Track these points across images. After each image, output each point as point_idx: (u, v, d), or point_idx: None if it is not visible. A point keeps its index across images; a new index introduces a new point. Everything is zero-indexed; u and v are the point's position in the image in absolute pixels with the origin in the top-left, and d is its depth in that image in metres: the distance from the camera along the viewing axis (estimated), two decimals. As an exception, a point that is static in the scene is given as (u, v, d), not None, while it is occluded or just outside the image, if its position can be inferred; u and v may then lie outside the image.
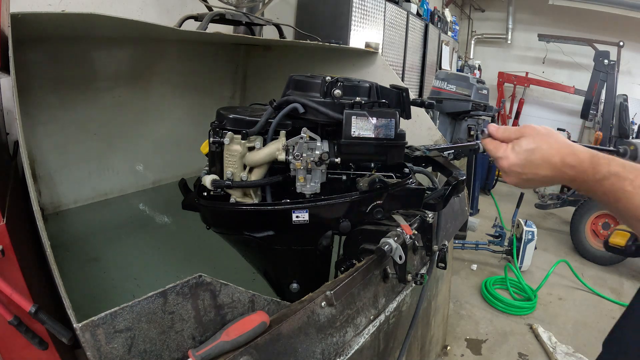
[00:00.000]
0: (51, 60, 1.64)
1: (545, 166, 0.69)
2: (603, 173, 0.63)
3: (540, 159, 0.69)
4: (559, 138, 0.71)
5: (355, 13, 3.37)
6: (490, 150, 0.78)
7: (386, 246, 0.97)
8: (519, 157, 0.72)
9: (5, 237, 0.67)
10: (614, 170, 0.62)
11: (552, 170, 0.69)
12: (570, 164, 0.67)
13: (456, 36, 6.76)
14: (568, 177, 0.68)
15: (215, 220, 1.08)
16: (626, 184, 0.60)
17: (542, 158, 0.69)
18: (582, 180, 0.66)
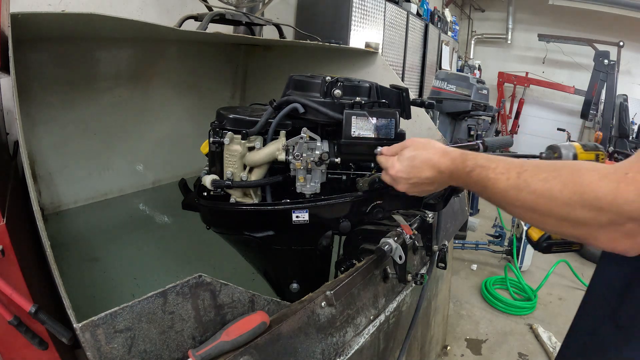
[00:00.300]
0: (51, 60, 1.64)
1: (425, 168, 0.79)
2: (471, 166, 0.72)
3: (421, 163, 0.80)
4: (435, 145, 0.81)
5: (355, 13, 3.37)
6: (381, 163, 0.90)
7: (386, 246, 0.97)
8: (402, 165, 0.83)
9: (5, 237, 0.67)
10: (479, 163, 0.71)
11: (432, 170, 0.79)
12: (445, 163, 0.77)
13: (456, 36, 6.75)
14: (446, 175, 0.78)
15: (215, 220, 1.08)
16: (489, 172, 0.68)
17: (422, 162, 0.80)
18: (457, 176, 0.76)
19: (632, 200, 0.51)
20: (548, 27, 6.81)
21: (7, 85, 1.03)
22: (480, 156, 0.72)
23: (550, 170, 0.60)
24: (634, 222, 0.52)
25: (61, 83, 1.71)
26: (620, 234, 0.54)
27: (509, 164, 0.67)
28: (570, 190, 0.56)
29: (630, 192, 0.51)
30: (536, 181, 0.61)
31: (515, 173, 0.64)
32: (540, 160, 0.64)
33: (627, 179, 0.52)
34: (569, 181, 0.57)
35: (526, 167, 0.64)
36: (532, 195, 0.61)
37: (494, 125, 4.00)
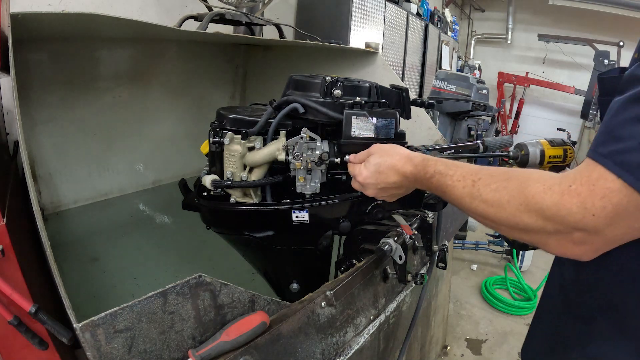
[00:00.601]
0: (51, 60, 1.64)
1: (391, 174, 0.82)
2: (431, 172, 0.75)
3: (386, 169, 0.82)
4: (399, 150, 0.84)
5: (355, 13, 3.37)
6: (351, 172, 0.92)
7: (386, 246, 0.97)
8: (369, 171, 0.85)
9: (5, 237, 0.67)
10: (438, 169, 0.74)
11: (397, 175, 0.81)
12: (408, 168, 0.80)
13: (456, 36, 6.76)
14: (411, 180, 0.80)
15: (215, 220, 1.08)
16: (447, 179, 0.71)
17: (387, 168, 0.82)
18: (420, 181, 0.79)
19: (575, 212, 0.53)
20: (548, 27, 6.81)
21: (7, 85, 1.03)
22: (440, 162, 0.75)
23: (502, 180, 0.63)
24: (580, 232, 0.54)
25: (61, 83, 1.71)
26: (569, 242, 0.56)
27: (466, 171, 0.69)
28: (517, 202, 0.59)
29: (573, 205, 0.53)
30: (487, 191, 0.64)
31: (470, 181, 0.67)
32: (496, 168, 0.66)
33: (571, 191, 0.54)
34: (516, 192, 0.59)
35: (481, 175, 0.66)
36: (483, 204, 0.64)
37: (494, 125, 4.00)
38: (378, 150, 0.86)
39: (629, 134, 0.51)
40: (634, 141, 0.50)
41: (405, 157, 0.81)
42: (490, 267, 3.43)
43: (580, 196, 0.53)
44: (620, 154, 0.51)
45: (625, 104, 0.53)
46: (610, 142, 0.53)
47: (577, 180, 0.54)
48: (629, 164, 0.50)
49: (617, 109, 0.54)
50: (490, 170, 0.66)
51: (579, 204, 0.53)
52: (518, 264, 3.26)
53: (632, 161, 0.50)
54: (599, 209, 0.52)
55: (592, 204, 0.52)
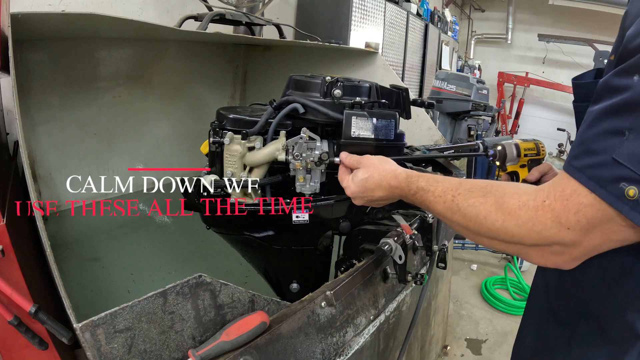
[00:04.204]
0: (51, 60, 1.64)
1: (378, 189, 0.84)
2: (414, 189, 0.77)
3: (373, 185, 0.84)
4: (387, 166, 0.85)
5: (355, 13, 3.37)
6: (340, 179, 0.93)
7: (386, 246, 0.97)
8: (357, 186, 0.86)
9: (5, 237, 0.67)
10: (420, 185, 0.75)
11: (383, 191, 0.83)
12: (394, 185, 0.81)
13: (456, 36, 6.75)
14: (397, 195, 0.82)
15: (215, 220, 1.08)
16: (429, 195, 0.73)
17: (374, 184, 0.84)
18: (405, 196, 0.81)
19: (550, 227, 0.54)
20: (548, 27, 6.81)
21: (7, 85, 1.03)
22: (423, 178, 0.76)
23: (480, 195, 0.64)
24: (557, 244, 0.55)
25: (61, 83, 1.71)
26: (549, 253, 0.57)
27: (447, 186, 0.71)
28: (494, 217, 0.60)
29: (547, 220, 0.54)
30: (466, 206, 0.65)
31: (450, 196, 0.68)
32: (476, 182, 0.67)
33: (545, 207, 0.55)
34: (492, 208, 0.61)
35: (460, 190, 0.68)
36: (463, 218, 0.66)
37: (494, 125, 4.00)
38: (367, 164, 0.88)
39: (602, 148, 0.51)
40: (606, 155, 0.50)
41: (391, 173, 0.83)
42: (490, 267, 3.43)
43: (554, 211, 0.54)
44: (593, 168, 0.51)
45: (599, 115, 0.52)
46: (584, 155, 0.53)
47: (551, 195, 0.55)
48: (601, 178, 0.50)
49: (592, 120, 0.53)
50: (469, 184, 0.68)
51: (553, 218, 0.53)
52: (518, 264, 3.26)
53: (605, 176, 0.50)
54: (574, 223, 0.52)
55: (567, 219, 0.53)
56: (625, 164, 0.48)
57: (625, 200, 0.49)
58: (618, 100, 0.50)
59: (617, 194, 0.49)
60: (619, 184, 0.49)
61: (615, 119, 0.50)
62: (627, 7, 0.59)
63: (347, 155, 0.93)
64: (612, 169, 0.50)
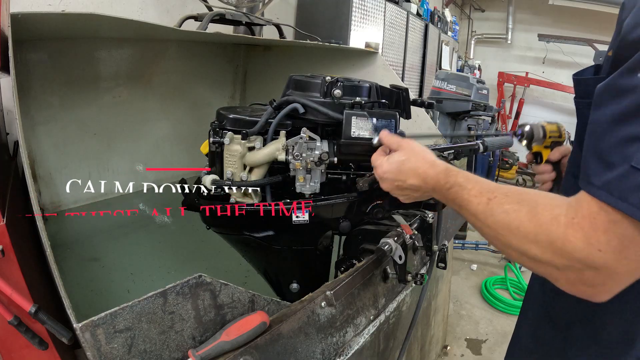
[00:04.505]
0: (51, 60, 1.64)
1: (412, 175, 0.80)
2: (451, 183, 0.73)
3: (408, 169, 0.80)
4: (427, 155, 0.81)
5: (355, 13, 3.37)
6: (373, 161, 0.89)
7: (386, 246, 0.97)
8: (391, 167, 0.83)
9: (5, 237, 0.67)
10: (458, 181, 0.71)
11: (418, 179, 0.79)
12: (430, 174, 0.77)
13: (456, 36, 6.75)
14: (430, 186, 0.78)
15: (215, 220, 1.08)
16: (464, 193, 0.69)
17: (409, 168, 0.80)
18: (438, 189, 0.76)
19: (581, 249, 0.50)
20: (548, 27, 6.81)
21: (7, 85, 1.03)
22: (462, 174, 0.73)
23: (515, 201, 0.60)
24: (590, 270, 0.50)
25: (61, 83, 1.71)
26: (580, 282, 0.52)
27: (484, 187, 0.67)
28: (526, 229, 0.56)
29: (577, 240, 0.50)
30: (499, 212, 0.61)
31: (485, 199, 0.64)
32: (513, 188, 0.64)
33: (574, 225, 0.51)
34: (526, 218, 0.56)
35: (497, 193, 0.64)
36: (495, 224, 0.61)
37: (494, 125, 4.00)
38: (407, 147, 0.83)
39: (620, 159, 0.48)
40: (626, 165, 0.47)
41: (430, 161, 0.79)
42: (490, 267, 3.43)
43: (583, 230, 0.50)
44: (614, 182, 0.48)
45: (611, 125, 0.49)
46: (603, 170, 0.49)
47: (579, 213, 0.51)
48: (623, 190, 0.47)
49: (604, 130, 0.50)
50: (506, 189, 0.64)
51: (583, 239, 0.49)
52: (518, 264, 3.26)
53: (626, 187, 0.47)
54: (604, 243, 0.48)
55: (597, 239, 0.48)
56: None
57: None
58: (628, 104, 0.47)
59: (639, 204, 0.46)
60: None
61: (628, 125, 0.47)
62: None
63: (388, 134, 0.90)
64: (633, 178, 0.46)
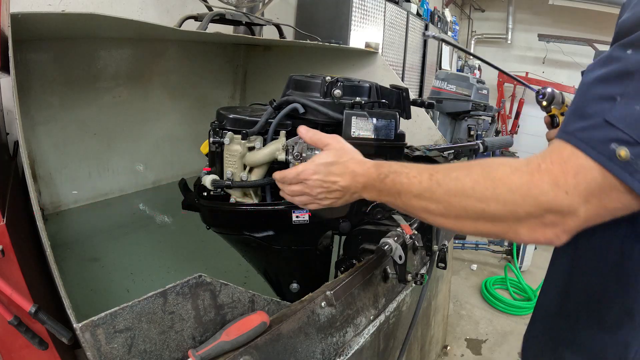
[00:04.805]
0: (51, 60, 1.64)
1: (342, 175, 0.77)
2: (385, 172, 0.71)
3: (339, 169, 0.77)
4: (355, 154, 0.79)
5: (355, 13, 3.37)
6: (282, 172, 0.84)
7: (386, 246, 0.97)
8: (318, 168, 0.78)
9: (5, 237, 0.67)
10: (393, 169, 0.70)
11: (347, 178, 0.76)
12: (359, 171, 0.75)
13: (456, 36, 6.75)
14: (360, 184, 0.76)
15: (215, 220, 1.08)
16: (402, 177, 0.67)
17: (340, 169, 0.77)
18: (370, 184, 0.74)
19: (547, 191, 0.51)
20: (548, 27, 6.81)
21: (7, 85, 1.03)
22: (394, 163, 0.72)
23: (462, 168, 0.60)
24: (552, 214, 0.52)
25: (61, 83, 1.71)
26: (540, 225, 0.53)
27: (422, 167, 0.66)
28: (483, 186, 0.56)
29: (544, 183, 0.51)
30: (448, 180, 0.60)
31: (427, 175, 0.64)
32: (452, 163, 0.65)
33: (541, 170, 0.52)
34: (480, 177, 0.57)
35: (438, 169, 0.64)
36: (445, 195, 0.60)
37: (494, 125, 4.00)
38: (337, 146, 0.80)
39: (594, 112, 0.51)
40: (598, 118, 0.50)
41: (358, 160, 0.78)
42: (490, 267, 3.43)
43: (551, 173, 0.51)
44: (586, 131, 0.51)
45: (592, 83, 0.53)
46: (577, 119, 0.52)
47: (547, 159, 0.52)
48: (592, 139, 0.50)
49: (585, 88, 0.53)
50: (447, 164, 0.64)
51: (550, 181, 0.51)
52: (518, 264, 3.26)
53: (596, 137, 0.50)
54: (572, 186, 0.50)
55: (565, 181, 0.50)
56: (617, 125, 0.48)
57: (615, 161, 0.48)
58: (610, 70, 0.51)
59: (608, 154, 0.49)
60: (609, 144, 0.49)
61: (607, 85, 0.51)
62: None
63: (309, 131, 0.84)
64: (603, 130, 0.49)
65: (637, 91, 0.49)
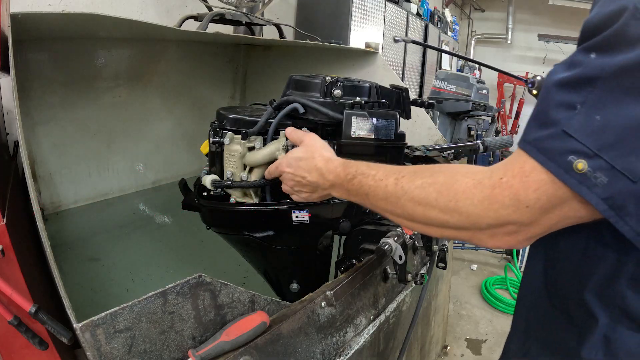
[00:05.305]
0: (51, 60, 1.64)
1: (310, 171, 0.80)
2: (352, 173, 0.72)
3: (307, 165, 0.81)
4: (324, 152, 0.83)
5: (355, 13, 3.37)
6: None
7: (386, 246, 0.97)
8: (289, 162, 0.84)
9: (5, 237, 0.67)
10: (360, 169, 0.71)
11: (315, 174, 0.80)
12: (328, 169, 0.78)
13: (456, 36, 6.75)
14: (329, 181, 0.78)
15: (216, 220, 1.08)
16: (369, 179, 0.68)
17: (308, 164, 0.81)
18: (339, 184, 0.76)
19: (508, 205, 0.51)
20: (548, 27, 6.81)
21: (7, 85, 1.03)
22: (362, 164, 0.72)
23: (427, 176, 0.60)
24: (513, 225, 0.52)
25: (61, 83, 1.71)
26: (503, 234, 0.54)
27: (389, 170, 0.66)
28: (446, 198, 0.56)
29: (505, 198, 0.51)
30: (412, 188, 0.61)
31: (393, 180, 0.64)
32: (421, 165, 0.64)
33: (502, 184, 0.52)
34: (443, 188, 0.57)
35: (404, 172, 0.63)
36: (410, 202, 0.61)
37: (494, 125, 4.00)
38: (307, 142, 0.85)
39: (553, 121, 0.49)
40: (557, 128, 0.49)
41: (326, 158, 0.80)
42: (490, 267, 3.43)
43: (512, 188, 0.51)
44: (544, 141, 0.49)
45: (554, 87, 0.51)
46: (537, 128, 0.51)
47: (509, 172, 0.52)
48: (550, 150, 0.49)
49: (547, 93, 0.52)
50: (414, 167, 0.64)
51: (512, 196, 0.51)
52: (518, 264, 3.26)
53: (554, 148, 0.48)
54: (533, 200, 0.50)
55: (526, 196, 0.50)
56: (575, 136, 0.47)
57: (572, 174, 0.47)
58: (572, 75, 0.49)
59: (566, 167, 0.48)
60: (567, 156, 0.48)
61: (568, 92, 0.49)
62: None
63: (293, 130, 0.91)
64: (562, 141, 0.48)
65: (598, 100, 0.47)
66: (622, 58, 0.46)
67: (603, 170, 0.46)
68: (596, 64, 0.48)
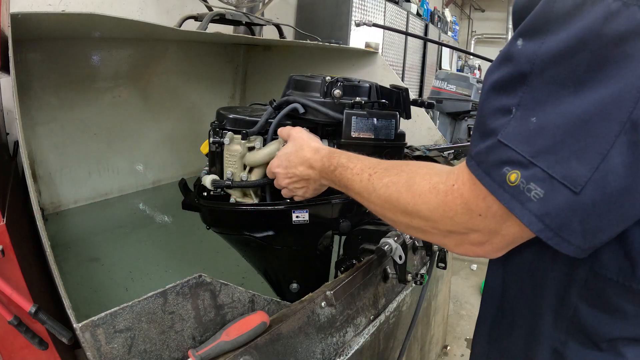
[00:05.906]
0: (51, 60, 1.64)
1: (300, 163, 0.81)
2: (335, 164, 0.72)
3: (297, 158, 0.82)
4: (311, 142, 0.83)
5: (355, 13, 3.37)
6: None
7: (386, 246, 0.97)
8: (280, 160, 0.85)
9: (5, 237, 0.67)
10: (341, 162, 0.71)
11: (305, 166, 0.80)
12: (315, 159, 0.78)
13: (456, 36, 6.76)
14: (317, 172, 0.78)
15: (215, 220, 1.08)
16: (347, 172, 0.68)
17: (298, 157, 0.82)
18: (325, 174, 0.76)
19: (461, 214, 0.48)
20: (548, 27, 6.81)
21: (7, 85, 1.03)
22: (344, 155, 0.72)
23: (394, 174, 0.59)
24: (475, 233, 0.49)
25: (61, 83, 1.71)
26: (467, 243, 0.51)
27: (365, 164, 0.66)
28: (405, 200, 0.55)
29: (457, 205, 0.48)
30: (380, 186, 0.60)
31: (367, 175, 0.63)
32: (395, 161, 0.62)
33: (454, 191, 0.49)
34: (404, 189, 0.55)
35: (377, 168, 0.63)
36: (379, 199, 0.60)
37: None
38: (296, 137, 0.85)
39: (491, 130, 0.45)
40: (494, 138, 0.44)
41: (314, 148, 0.81)
42: (490, 267, 3.43)
43: (463, 196, 0.48)
44: (483, 154, 0.46)
45: (489, 92, 0.46)
46: (478, 139, 0.47)
47: (460, 179, 0.49)
48: (487, 163, 0.45)
49: (484, 97, 0.47)
50: (388, 163, 0.63)
51: (462, 204, 0.48)
52: (518, 264, 3.26)
53: (490, 160, 0.44)
54: (484, 209, 0.46)
55: (476, 205, 0.46)
56: (510, 144, 0.42)
57: (506, 188, 0.43)
58: (505, 73, 0.45)
59: (499, 180, 0.43)
60: (502, 168, 0.43)
61: (502, 94, 0.45)
62: None
63: (281, 128, 0.92)
64: (497, 152, 0.43)
65: (532, 99, 0.42)
66: (551, 44, 0.40)
67: (538, 181, 0.41)
68: (526, 55, 0.42)
